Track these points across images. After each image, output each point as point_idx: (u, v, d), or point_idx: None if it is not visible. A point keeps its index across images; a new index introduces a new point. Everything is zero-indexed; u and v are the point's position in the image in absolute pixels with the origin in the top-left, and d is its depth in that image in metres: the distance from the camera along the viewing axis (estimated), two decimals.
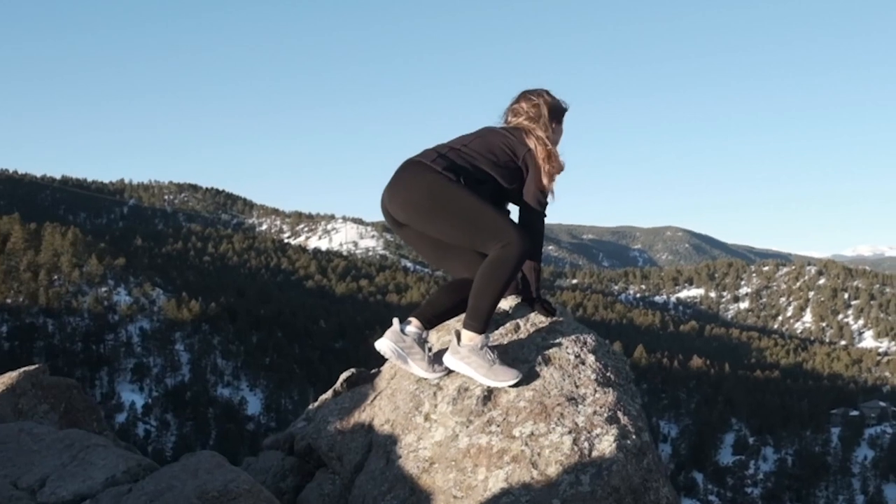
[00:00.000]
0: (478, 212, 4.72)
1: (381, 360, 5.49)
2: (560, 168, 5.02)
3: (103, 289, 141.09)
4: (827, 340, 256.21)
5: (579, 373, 4.79)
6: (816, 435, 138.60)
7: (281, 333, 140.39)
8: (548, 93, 5.24)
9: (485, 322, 4.75)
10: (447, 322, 5.22)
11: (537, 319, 5.24)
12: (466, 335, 4.75)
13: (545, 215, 5.07)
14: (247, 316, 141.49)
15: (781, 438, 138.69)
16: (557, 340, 5.04)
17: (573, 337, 5.11)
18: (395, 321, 5.01)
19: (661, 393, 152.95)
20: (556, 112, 5.22)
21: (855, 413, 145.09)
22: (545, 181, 4.96)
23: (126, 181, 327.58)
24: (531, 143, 4.98)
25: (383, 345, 4.93)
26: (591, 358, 4.93)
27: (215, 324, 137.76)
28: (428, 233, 4.99)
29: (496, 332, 5.11)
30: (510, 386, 4.67)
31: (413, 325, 4.97)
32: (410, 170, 4.90)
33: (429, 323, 5.01)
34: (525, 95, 5.24)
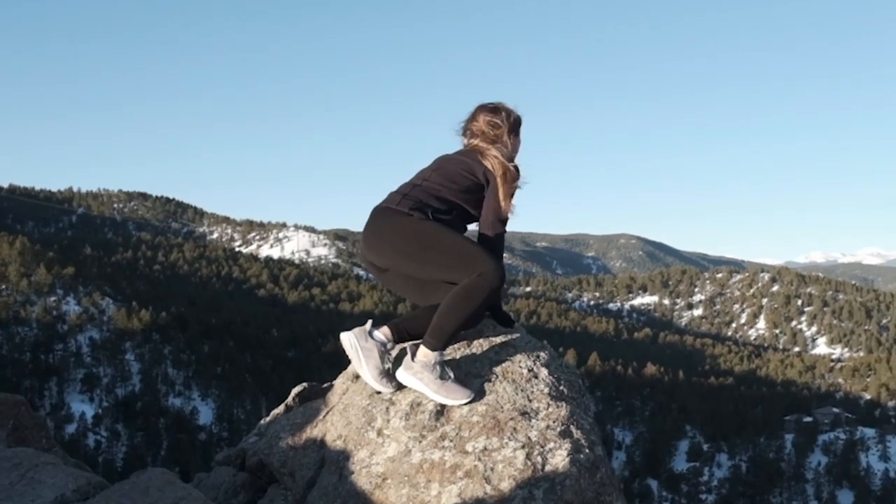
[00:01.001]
0: (452, 245, 4.79)
1: (333, 369, 5.50)
2: (517, 182, 5.06)
3: (52, 298, 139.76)
4: (780, 347, 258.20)
5: (532, 387, 4.80)
6: (770, 441, 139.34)
7: (233, 342, 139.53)
8: (504, 108, 5.27)
9: (444, 342, 4.77)
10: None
11: (491, 333, 5.26)
12: (422, 351, 4.76)
13: (505, 231, 5.10)
14: (198, 325, 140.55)
15: (735, 445, 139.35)
16: (510, 354, 5.06)
17: (526, 351, 5.13)
18: (369, 322, 5.05)
19: (615, 400, 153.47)
20: (513, 126, 5.26)
21: (808, 419, 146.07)
22: (503, 199, 4.99)
23: (74, 190, 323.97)
24: (487, 163, 5.01)
25: (346, 337, 4.97)
26: (544, 372, 4.95)
27: (166, 333, 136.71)
28: (409, 273, 5.03)
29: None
30: (461, 405, 4.69)
31: (382, 332, 4.99)
32: (380, 217, 4.98)
33: (400, 336, 5.01)
34: (481, 112, 5.26)
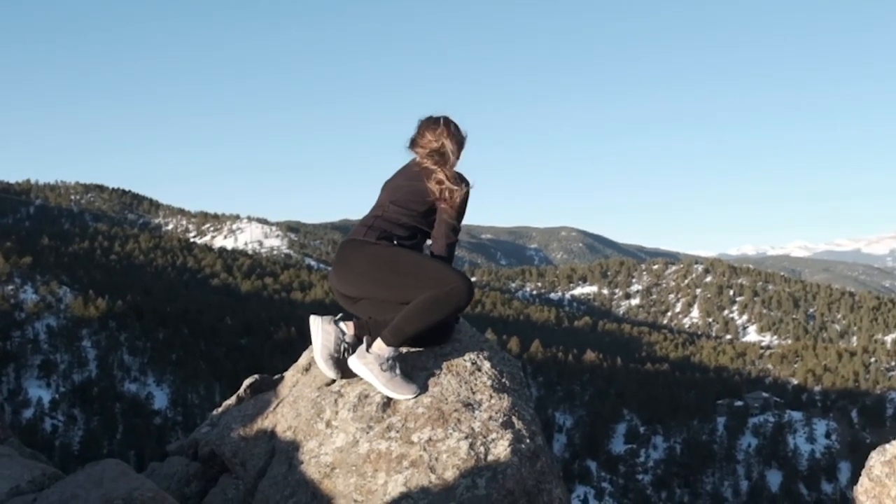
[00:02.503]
0: (422, 267, 4.84)
1: (285, 356, 5.50)
2: (465, 202, 5.09)
3: (10, 287, 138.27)
4: (713, 335, 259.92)
5: (476, 379, 4.83)
6: (703, 424, 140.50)
7: (187, 330, 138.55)
8: (449, 124, 5.25)
9: (400, 342, 4.79)
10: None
11: None
12: (377, 344, 4.78)
13: (456, 240, 5.14)
14: (153, 313, 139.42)
15: (670, 428, 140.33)
16: (455, 348, 5.11)
17: (470, 344, 5.16)
18: (341, 314, 5.14)
19: (556, 385, 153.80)
20: (459, 144, 5.25)
21: (739, 403, 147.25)
22: (452, 216, 5.05)
23: (32, 182, 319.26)
24: (435, 187, 5.01)
25: (314, 318, 5.07)
26: (486, 364, 4.98)
27: (122, 321, 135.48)
28: (382, 299, 5.00)
29: None
30: (407, 399, 4.70)
31: (346, 324, 5.05)
32: (349, 248, 5.02)
33: (362, 334, 5.00)
34: (428, 129, 5.24)
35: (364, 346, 4.81)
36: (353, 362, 4.80)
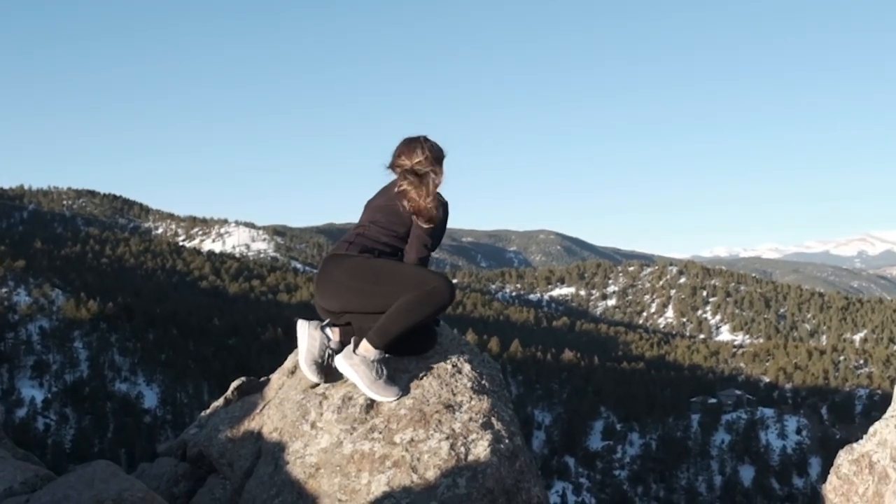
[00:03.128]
0: (402, 272, 4.84)
1: (272, 356, 5.51)
2: (441, 223, 5.12)
3: (3, 290, 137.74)
4: (687, 334, 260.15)
5: (456, 381, 4.84)
6: (678, 421, 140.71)
7: (176, 331, 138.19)
8: (428, 144, 5.23)
9: (386, 343, 4.77)
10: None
11: None
12: (363, 346, 4.77)
13: (429, 255, 5.13)
14: (143, 315, 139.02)
15: (646, 425, 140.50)
16: (436, 351, 5.12)
17: (450, 347, 5.18)
18: (328, 321, 5.12)
19: (535, 384, 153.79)
20: (437, 162, 5.23)
21: (713, 401, 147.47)
22: (426, 234, 5.04)
23: (25, 187, 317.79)
24: (408, 206, 5.00)
25: (302, 322, 5.08)
26: (467, 367, 4.99)
27: (113, 322, 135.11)
28: (365, 310, 4.98)
29: None
30: (390, 402, 4.71)
31: (332, 331, 5.06)
32: (330, 264, 5.02)
33: (347, 336, 5.02)
34: (405, 150, 5.23)
35: (351, 346, 4.81)
36: (340, 362, 4.80)
